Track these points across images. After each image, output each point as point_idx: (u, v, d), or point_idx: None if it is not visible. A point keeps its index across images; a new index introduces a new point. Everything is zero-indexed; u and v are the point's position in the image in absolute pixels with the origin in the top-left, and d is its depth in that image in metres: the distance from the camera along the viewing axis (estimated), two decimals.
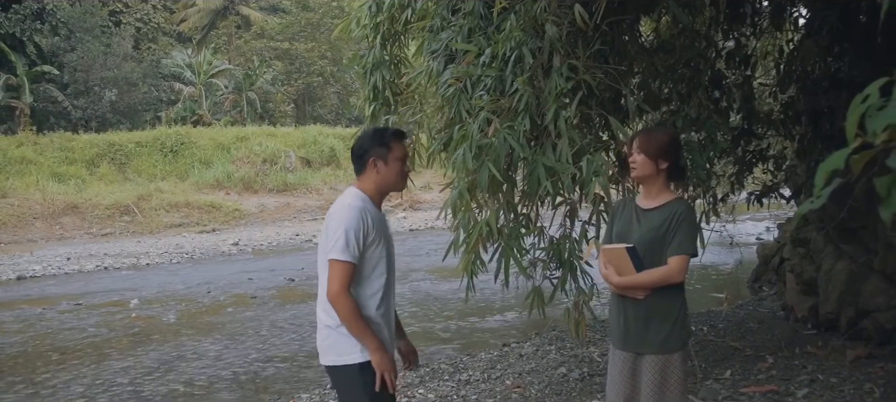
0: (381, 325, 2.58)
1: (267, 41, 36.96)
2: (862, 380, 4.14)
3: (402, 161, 2.61)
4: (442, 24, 4.99)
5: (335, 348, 2.56)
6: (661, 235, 2.65)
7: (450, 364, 5.65)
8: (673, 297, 2.71)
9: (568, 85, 3.91)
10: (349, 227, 2.45)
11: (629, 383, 2.77)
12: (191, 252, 14.61)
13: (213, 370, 6.20)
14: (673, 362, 2.70)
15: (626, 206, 2.90)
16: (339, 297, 2.45)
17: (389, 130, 2.67)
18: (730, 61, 5.61)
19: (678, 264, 2.61)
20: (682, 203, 2.72)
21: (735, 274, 9.45)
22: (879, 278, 5.22)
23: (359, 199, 2.55)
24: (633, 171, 2.76)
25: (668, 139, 2.74)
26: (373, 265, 2.55)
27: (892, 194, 1.43)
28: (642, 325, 2.70)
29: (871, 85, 1.51)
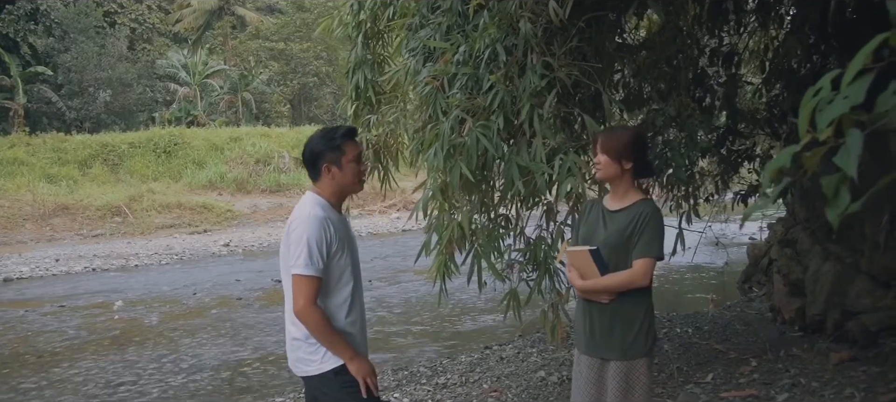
0: (352, 335, 2.49)
1: (262, 42, 36.88)
2: (843, 384, 4.05)
3: (356, 161, 2.48)
4: (421, 22, 4.91)
5: (307, 358, 2.47)
6: (626, 237, 2.56)
7: (429, 367, 5.56)
8: (639, 302, 2.62)
9: (542, 82, 3.82)
10: (311, 238, 2.34)
11: (594, 389, 2.69)
12: (180, 253, 14.50)
13: (190, 372, 6.11)
14: (638, 368, 2.62)
15: (593, 207, 2.80)
16: (306, 311, 2.35)
17: (339, 131, 2.50)
18: (713, 59, 5.52)
19: (642, 267, 2.52)
20: (649, 204, 2.62)
21: (724, 275, 9.35)
22: (866, 280, 5.13)
23: (320, 207, 2.43)
24: (598, 172, 2.67)
25: (631, 137, 2.64)
26: (339, 274, 2.45)
27: (840, 194, 1.34)
28: (607, 330, 2.62)
29: (823, 78, 1.42)
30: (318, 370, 2.45)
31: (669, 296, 8.83)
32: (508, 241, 4.35)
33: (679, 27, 5.17)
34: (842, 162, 1.28)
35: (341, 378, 2.42)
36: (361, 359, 2.45)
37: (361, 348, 2.52)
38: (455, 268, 4.11)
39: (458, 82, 4.08)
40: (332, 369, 2.42)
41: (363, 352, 2.53)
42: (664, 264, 9.86)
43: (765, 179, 1.43)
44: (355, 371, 2.41)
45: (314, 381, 2.49)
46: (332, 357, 2.42)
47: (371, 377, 2.45)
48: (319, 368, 2.44)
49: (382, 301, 9.01)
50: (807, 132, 1.38)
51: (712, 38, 5.62)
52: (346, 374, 2.42)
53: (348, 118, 6.42)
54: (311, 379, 2.49)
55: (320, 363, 2.44)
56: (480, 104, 3.95)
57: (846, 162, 1.27)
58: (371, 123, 6.06)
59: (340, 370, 2.42)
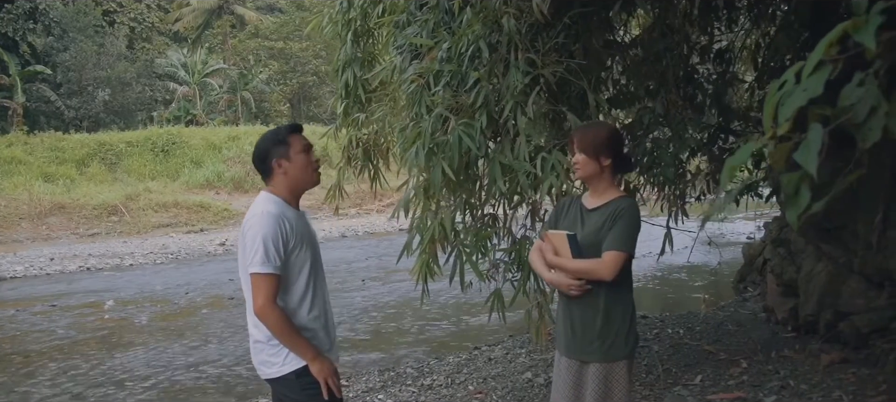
0: (315, 330, 2.44)
1: (262, 41, 36.85)
2: (832, 387, 3.97)
3: (305, 152, 2.44)
4: (408, 19, 4.86)
5: (269, 360, 2.43)
6: (603, 235, 2.48)
7: (416, 368, 5.49)
8: (620, 304, 2.55)
9: (526, 79, 3.76)
10: (266, 236, 2.29)
11: (574, 391, 2.62)
12: (176, 253, 14.45)
13: (175, 373, 6.05)
14: (618, 370, 2.55)
15: (571, 205, 2.72)
16: (265, 311, 2.30)
17: (284, 127, 2.50)
18: (704, 56, 5.44)
19: (609, 259, 2.44)
20: (625, 200, 2.55)
21: (719, 275, 9.28)
22: (859, 280, 5.05)
23: (273, 204, 2.39)
24: (577, 171, 2.59)
25: (608, 134, 2.57)
26: (298, 270, 2.40)
27: (800, 193, 1.27)
28: (588, 332, 2.55)
29: (788, 71, 1.35)
30: (280, 373, 2.40)
31: (663, 296, 8.76)
32: (494, 241, 4.28)
33: (669, 25, 5.10)
34: (802, 159, 1.21)
35: (303, 380, 2.37)
36: (323, 359, 2.39)
37: (325, 345, 2.47)
38: (437, 268, 4.04)
39: (443, 80, 4.02)
40: (294, 371, 2.37)
41: (328, 349, 2.47)
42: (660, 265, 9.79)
43: (724, 176, 1.36)
44: (317, 372, 2.36)
45: (276, 384, 2.45)
46: (294, 359, 2.37)
47: (332, 377, 2.39)
48: (280, 370, 2.39)
49: (375, 301, 8.96)
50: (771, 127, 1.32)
51: (704, 36, 5.54)
52: (308, 376, 2.36)
53: (338, 117, 6.37)
54: (274, 382, 2.45)
55: (281, 365, 2.39)
56: (464, 102, 3.89)
57: (806, 158, 1.20)
58: (360, 121, 6.01)
59: (302, 371, 2.37)
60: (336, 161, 6.75)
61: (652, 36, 5.02)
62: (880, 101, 1.22)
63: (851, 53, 1.27)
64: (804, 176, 1.23)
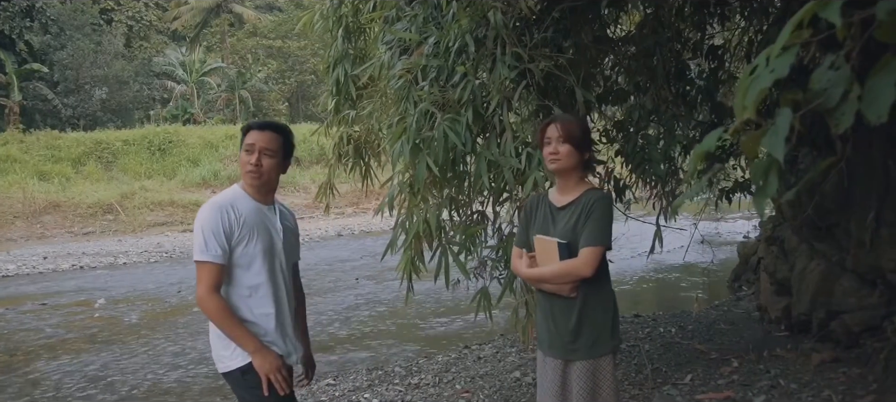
0: (266, 328, 2.38)
1: (260, 39, 36.80)
2: (822, 386, 3.92)
3: (246, 151, 2.39)
4: (398, 14, 4.82)
5: (221, 354, 2.39)
6: (578, 231, 2.42)
7: (404, 367, 5.43)
8: (600, 298, 2.50)
9: (513, 74, 3.71)
10: (205, 225, 2.29)
11: (560, 391, 2.56)
12: (171, 251, 14.39)
13: (162, 371, 5.99)
14: (603, 366, 2.49)
15: (540, 204, 2.63)
16: (204, 299, 2.28)
17: (248, 123, 2.50)
18: (696, 53, 5.39)
19: (587, 255, 2.37)
20: (596, 192, 2.48)
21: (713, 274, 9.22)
22: (852, 278, 5.00)
23: (227, 195, 2.40)
24: (556, 163, 2.49)
25: (586, 126, 2.52)
26: (246, 263, 2.35)
27: (768, 180, 1.22)
28: (571, 330, 2.49)
29: (760, 55, 1.29)
30: (227, 368, 2.36)
31: (657, 295, 8.71)
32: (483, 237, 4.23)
33: (661, 20, 5.04)
34: (770, 145, 1.16)
35: (248, 378, 2.33)
36: (267, 353, 2.33)
37: (280, 345, 2.40)
38: (423, 266, 3.98)
39: (430, 75, 3.97)
40: (239, 367, 2.33)
41: (284, 351, 2.41)
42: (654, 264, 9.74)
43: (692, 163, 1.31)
44: (259, 366, 2.31)
45: (226, 378, 2.41)
46: (240, 355, 2.32)
47: (277, 373, 2.32)
48: (228, 365, 2.36)
49: (368, 299, 8.90)
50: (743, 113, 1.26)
51: (697, 32, 5.48)
52: (253, 373, 2.32)
53: (329, 113, 6.32)
54: (225, 376, 2.42)
55: (229, 359, 2.35)
56: (451, 97, 3.84)
57: (774, 144, 1.15)
58: (351, 118, 5.96)
59: (247, 368, 2.33)
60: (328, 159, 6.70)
61: (643, 32, 4.97)
62: (853, 84, 1.17)
63: (823, 36, 1.22)
64: (773, 163, 1.17)
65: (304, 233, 15.22)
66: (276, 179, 2.49)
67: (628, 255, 10.28)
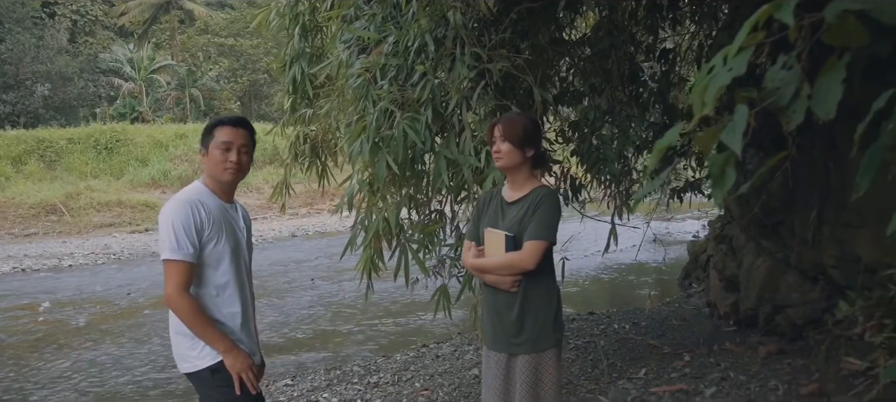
0: (232, 328, 2.37)
1: (211, 37, 36.08)
2: (769, 377, 4.08)
3: (222, 149, 2.35)
4: (356, 13, 4.81)
5: (186, 354, 2.36)
6: (524, 225, 2.48)
7: (362, 367, 5.43)
8: (544, 293, 2.54)
9: (472, 74, 3.75)
10: (176, 223, 2.24)
11: (503, 384, 2.60)
12: (119, 253, 14.01)
13: (113, 376, 5.84)
14: (546, 360, 2.54)
15: (492, 199, 2.70)
16: (174, 298, 2.24)
17: (217, 118, 2.45)
18: (649, 55, 5.52)
19: (530, 249, 2.43)
20: (545, 189, 2.55)
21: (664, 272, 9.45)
22: (795, 274, 5.20)
23: (193, 192, 2.35)
24: (499, 161, 2.56)
25: (532, 124, 2.57)
26: (215, 262, 2.33)
27: (725, 174, 1.27)
28: (514, 324, 2.53)
29: (717, 55, 1.35)
30: (195, 368, 2.33)
31: (611, 293, 8.88)
32: (441, 236, 4.26)
33: (615, 24, 5.16)
34: (728, 139, 1.22)
35: (218, 376, 2.31)
36: (238, 352, 2.33)
37: (246, 344, 2.40)
38: (382, 264, 3.99)
39: (389, 74, 3.98)
40: (208, 367, 2.31)
41: (249, 349, 2.41)
42: (608, 262, 9.93)
43: (652, 157, 1.36)
44: (230, 365, 2.30)
45: (192, 379, 2.38)
46: (209, 354, 2.30)
47: (248, 371, 2.33)
48: (196, 365, 2.33)
49: (324, 300, 8.83)
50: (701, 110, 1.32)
51: (649, 35, 5.63)
52: (223, 372, 2.30)
53: (285, 112, 6.27)
54: (190, 377, 2.38)
55: (197, 359, 2.32)
56: (410, 97, 3.86)
57: (732, 139, 1.21)
58: (307, 117, 5.92)
59: (217, 367, 2.31)
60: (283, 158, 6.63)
61: (598, 34, 5.08)
62: (803, 83, 1.24)
63: (776, 37, 1.28)
64: (730, 157, 1.23)
65: (258, 234, 15.01)
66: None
67: (581, 254, 10.45)
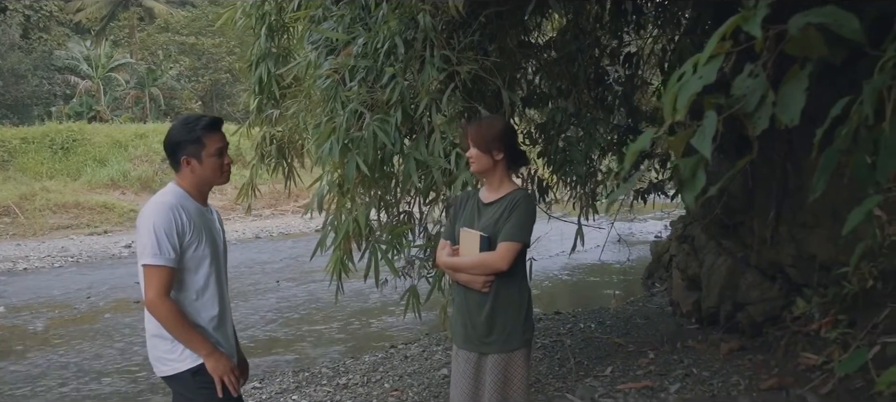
0: (211, 330, 2.36)
1: (172, 35, 35.45)
2: (731, 372, 4.20)
3: (218, 155, 2.34)
4: (324, 14, 4.80)
5: (164, 357, 2.34)
6: (499, 227, 2.52)
7: (331, 368, 5.42)
8: (515, 294, 2.58)
9: (441, 76, 3.78)
10: (159, 227, 2.21)
11: (472, 383, 2.63)
12: (77, 255, 13.69)
13: (76, 382, 5.72)
14: (516, 360, 2.58)
15: (469, 199, 2.75)
16: (156, 303, 2.22)
17: (201, 121, 2.35)
18: (614, 59, 5.63)
19: (503, 250, 2.47)
20: (521, 192, 2.60)
21: (628, 272, 9.62)
22: (755, 273, 5.36)
23: (172, 195, 2.31)
24: (473, 166, 2.62)
25: (501, 128, 2.61)
26: (195, 266, 2.32)
27: (696, 176, 1.33)
28: (485, 323, 2.57)
29: (687, 62, 1.40)
30: (175, 370, 2.31)
31: (576, 293, 9.00)
32: (410, 237, 4.28)
33: (581, 27, 5.24)
34: (698, 143, 1.27)
35: (199, 379, 2.30)
36: (220, 355, 2.32)
37: (224, 346, 2.40)
38: (352, 265, 4.00)
39: (358, 76, 3.99)
40: (189, 369, 2.30)
41: (227, 352, 2.40)
42: (573, 262, 10.06)
43: (625, 161, 1.41)
44: (212, 369, 2.29)
45: (172, 382, 2.35)
46: (190, 356, 2.29)
47: (229, 374, 2.33)
48: (176, 368, 2.31)
49: (290, 302, 8.78)
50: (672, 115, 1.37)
51: (613, 39, 5.73)
52: (204, 374, 2.29)
53: (251, 113, 6.22)
54: (170, 380, 2.36)
55: (177, 362, 2.30)
56: (379, 98, 3.87)
57: (702, 143, 1.26)
58: (274, 117, 5.88)
59: (198, 370, 2.30)
60: (249, 159, 6.57)
61: (564, 38, 5.16)
62: (768, 91, 1.30)
63: (743, 47, 1.34)
64: (700, 160, 1.29)
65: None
66: None
67: (547, 255, 10.57)
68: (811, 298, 4.18)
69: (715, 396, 3.87)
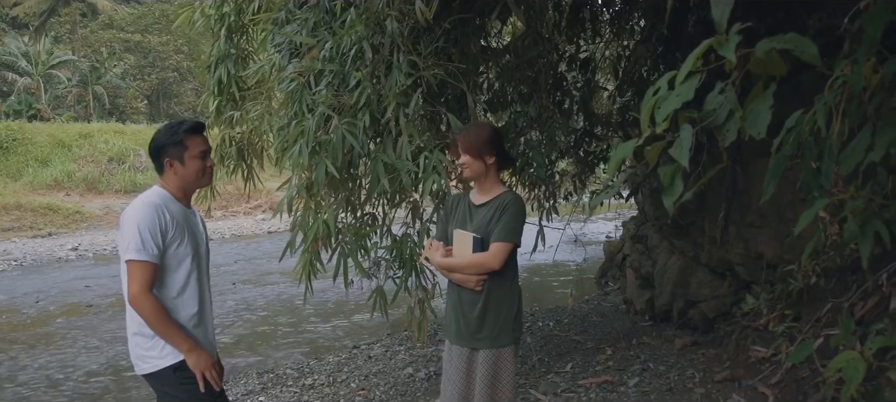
0: (190, 328, 2.41)
1: (116, 32, 34.49)
2: (686, 366, 4.40)
3: (200, 158, 2.43)
4: (287, 17, 4.81)
5: (145, 355, 2.38)
6: (491, 228, 2.64)
7: (295, 369, 5.44)
8: (507, 293, 2.71)
9: (408, 81, 3.85)
10: (143, 224, 2.27)
11: (464, 378, 2.75)
12: (20, 259, 13.25)
13: (30, 388, 5.58)
14: (505, 356, 2.70)
15: (460, 202, 2.87)
16: (139, 298, 2.26)
17: (184, 125, 2.45)
18: (572, 65, 5.80)
19: (496, 250, 2.60)
20: (510, 194, 2.72)
21: (582, 271, 9.86)
22: (705, 272, 5.60)
23: (157, 196, 2.38)
24: (466, 172, 2.74)
25: (489, 133, 2.73)
26: (176, 265, 2.37)
27: (674, 183, 1.45)
28: (477, 320, 2.69)
29: (661, 79, 1.52)
30: (156, 367, 2.36)
31: (533, 291, 9.17)
32: (375, 239, 4.34)
33: (540, 33, 5.39)
34: (676, 154, 1.39)
35: (180, 374, 2.35)
36: (201, 351, 2.38)
37: (204, 343, 2.44)
38: (321, 266, 4.05)
39: (325, 79, 4.02)
40: (171, 365, 2.35)
41: (207, 349, 2.44)
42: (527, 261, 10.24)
43: (609, 170, 1.53)
44: (194, 364, 2.34)
45: (153, 379, 2.40)
46: (171, 353, 2.34)
47: (211, 370, 2.38)
48: (157, 364, 2.36)
49: (248, 304, 8.71)
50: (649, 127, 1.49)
51: (571, 45, 5.91)
52: (186, 370, 2.34)
53: (210, 114, 6.16)
54: (151, 377, 2.40)
55: (158, 359, 2.35)
56: (346, 102, 3.92)
57: (680, 153, 1.39)
58: (234, 119, 5.86)
59: (179, 366, 2.35)
60: None
61: (524, 44, 5.30)
62: (737, 106, 1.43)
63: (713, 66, 1.47)
64: (678, 168, 1.42)
65: None
66: None
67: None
68: (759, 294, 4.41)
69: (672, 389, 4.06)
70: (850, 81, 1.55)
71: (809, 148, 1.74)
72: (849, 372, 2.20)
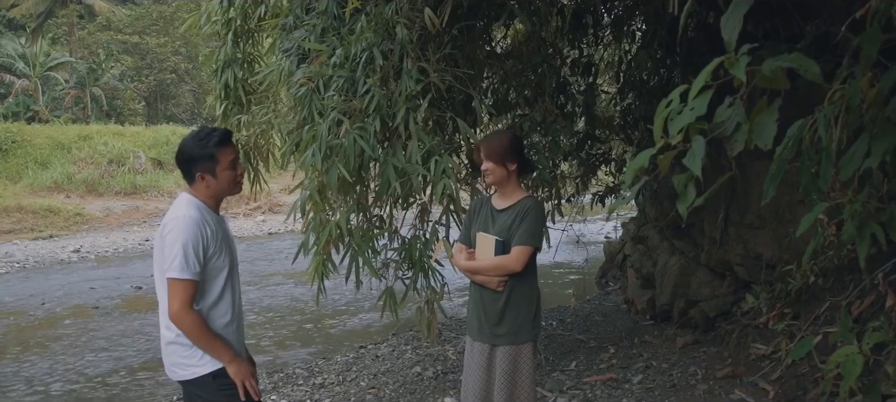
0: (230, 336, 2.47)
1: (114, 34, 34.50)
2: (688, 364, 4.52)
3: (231, 168, 2.44)
4: (295, 22, 4.89)
5: (183, 362, 2.42)
6: (513, 231, 2.76)
7: (305, 369, 5.54)
8: (526, 293, 2.83)
9: (418, 87, 3.95)
10: (187, 241, 2.29)
11: (485, 373, 2.88)
12: (23, 261, 13.30)
13: (44, 389, 5.67)
14: (524, 352, 2.83)
15: (483, 206, 2.99)
16: (181, 315, 2.30)
17: (213, 136, 2.42)
18: (574, 69, 5.92)
19: (517, 253, 2.72)
20: (531, 199, 2.85)
21: (584, 271, 9.96)
22: (705, 272, 5.71)
23: (195, 208, 2.38)
24: (488, 178, 2.86)
25: (510, 140, 2.85)
26: (215, 275, 2.42)
27: (688, 190, 1.56)
28: (498, 318, 2.82)
29: (673, 92, 1.64)
30: (194, 374, 2.40)
31: None
32: (383, 240, 4.44)
33: (543, 38, 5.51)
34: (689, 163, 1.51)
35: (219, 381, 2.39)
36: (240, 361, 2.43)
37: (239, 350, 2.50)
38: (333, 267, 4.15)
39: (335, 84, 4.12)
40: (210, 372, 2.39)
41: (241, 355, 2.51)
42: None
43: (627, 177, 1.64)
44: (234, 374, 2.39)
45: (191, 386, 2.44)
46: (210, 361, 2.38)
47: (250, 379, 2.43)
48: (195, 372, 2.40)
49: (252, 305, 8.79)
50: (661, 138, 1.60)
51: (573, 50, 6.03)
52: (225, 377, 2.39)
53: (217, 118, 6.26)
54: (188, 384, 2.44)
55: (196, 366, 2.40)
56: (357, 107, 4.02)
57: (693, 163, 1.50)
58: (241, 122, 5.95)
59: (219, 373, 2.39)
60: None
61: (529, 48, 5.41)
62: (744, 119, 1.55)
63: (722, 81, 1.59)
64: (691, 177, 1.53)
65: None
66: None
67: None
68: (759, 293, 4.53)
69: (675, 385, 4.17)
70: (847, 95, 1.67)
71: (809, 155, 1.87)
72: (847, 367, 2.32)
